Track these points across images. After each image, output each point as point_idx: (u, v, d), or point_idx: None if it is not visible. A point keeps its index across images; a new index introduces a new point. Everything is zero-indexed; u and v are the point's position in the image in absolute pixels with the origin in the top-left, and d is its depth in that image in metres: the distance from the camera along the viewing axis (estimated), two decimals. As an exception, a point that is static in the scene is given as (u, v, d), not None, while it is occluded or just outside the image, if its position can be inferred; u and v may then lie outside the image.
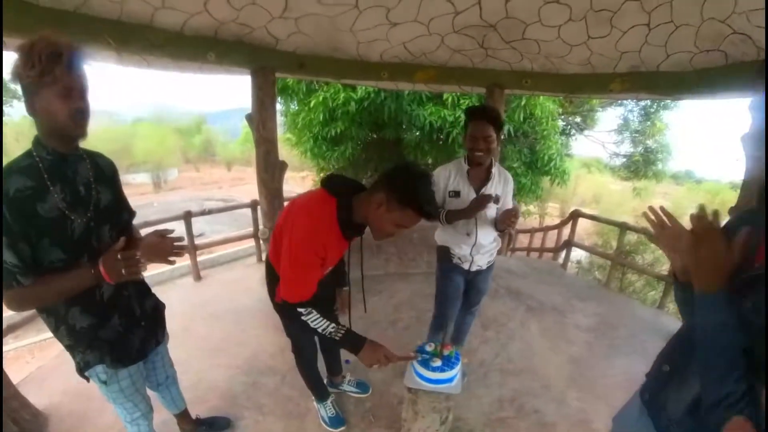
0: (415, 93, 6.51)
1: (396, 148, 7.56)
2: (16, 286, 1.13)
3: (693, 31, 2.60)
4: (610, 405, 2.52)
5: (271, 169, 3.47)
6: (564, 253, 5.78)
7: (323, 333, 1.49)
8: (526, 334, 3.36)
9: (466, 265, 2.24)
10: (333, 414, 2.23)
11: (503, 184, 2.16)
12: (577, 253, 8.18)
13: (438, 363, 1.67)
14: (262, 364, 2.79)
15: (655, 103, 10.11)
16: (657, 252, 9.32)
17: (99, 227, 1.29)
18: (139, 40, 2.62)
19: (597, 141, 12.07)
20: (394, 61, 3.55)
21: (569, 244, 5.65)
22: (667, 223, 0.93)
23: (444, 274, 2.32)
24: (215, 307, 3.67)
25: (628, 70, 3.18)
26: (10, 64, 1.10)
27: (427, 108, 6.54)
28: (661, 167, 11.20)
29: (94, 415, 2.28)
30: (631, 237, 9.05)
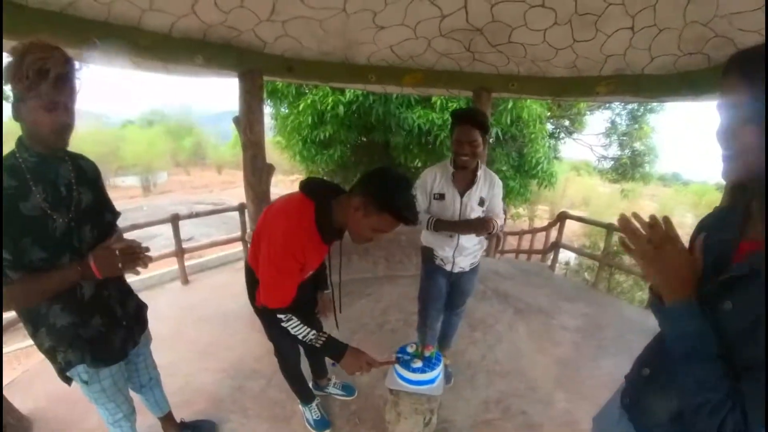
0: (403, 96, 6.52)
1: (385, 152, 7.55)
2: (5, 279, 1.15)
3: (676, 35, 2.64)
4: (597, 406, 2.47)
5: (258, 172, 3.45)
6: (552, 254, 5.82)
7: (303, 340, 1.48)
8: (514, 336, 3.37)
9: (448, 267, 2.25)
10: (318, 417, 2.22)
11: (489, 187, 2.16)
12: (565, 255, 8.25)
13: (419, 364, 1.67)
14: (248, 367, 2.77)
15: (642, 107, 10.26)
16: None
17: (80, 227, 1.31)
18: (127, 42, 2.59)
19: (585, 144, 12.22)
20: (382, 65, 3.56)
21: (557, 246, 5.70)
22: (642, 233, 0.86)
23: (427, 275, 2.35)
24: (203, 310, 3.65)
25: (614, 73, 3.22)
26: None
27: (416, 111, 6.55)
28: (649, 169, 11.39)
29: (78, 420, 2.25)
30: (618, 238, 9.14)
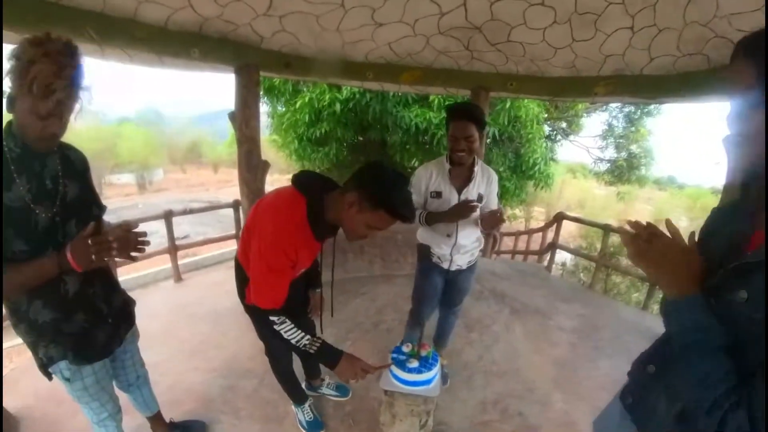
0: (400, 94, 6.50)
1: (381, 150, 7.53)
2: None
3: (676, 35, 2.62)
4: (595, 407, 2.49)
5: (253, 168, 3.41)
6: (548, 255, 5.81)
7: (297, 345, 1.41)
8: (511, 336, 3.34)
9: (445, 265, 2.22)
10: (311, 418, 2.18)
11: (486, 183, 2.13)
12: (561, 256, 8.26)
13: (415, 364, 1.62)
14: (240, 366, 2.72)
15: (639, 109, 10.28)
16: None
17: (65, 221, 1.26)
18: (123, 34, 2.55)
19: (582, 146, 12.24)
20: (380, 62, 3.53)
21: (554, 247, 5.69)
22: (641, 237, 0.83)
23: (423, 273, 2.31)
24: (195, 308, 3.60)
25: (613, 73, 3.21)
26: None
27: (413, 110, 6.53)
28: (645, 172, 11.41)
29: (65, 419, 2.20)
30: (615, 239, 9.14)
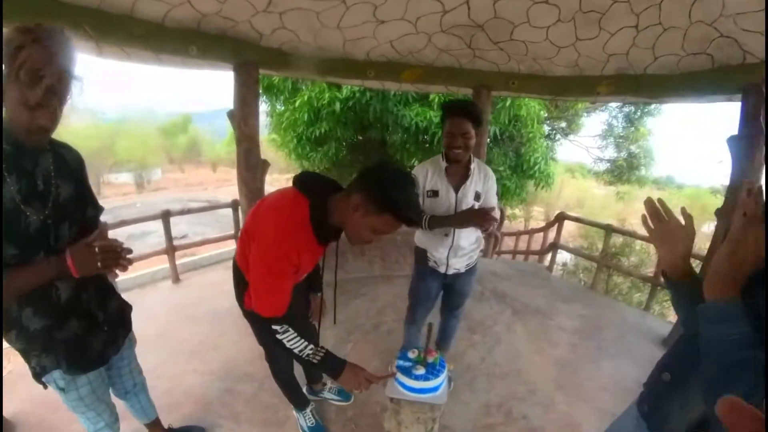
0: (401, 93, 6.46)
1: (381, 149, 7.49)
2: None
3: (680, 34, 2.59)
4: (597, 408, 2.50)
5: (252, 167, 3.37)
6: (550, 255, 5.79)
7: (299, 354, 1.37)
8: (512, 338, 3.31)
9: (442, 269, 2.17)
10: (313, 423, 2.14)
11: (483, 180, 2.08)
12: (562, 256, 8.24)
13: (422, 371, 1.59)
14: (239, 369, 2.68)
15: (639, 109, 10.27)
16: (642, 254, 9.41)
17: (57, 224, 1.20)
18: (120, 30, 2.51)
19: (581, 146, 12.23)
20: (381, 60, 3.49)
21: (555, 247, 5.67)
22: (664, 216, 0.84)
23: (418, 276, 2.28)
24: (192, 310, 3.55)
25: (615, 72, 3.18)
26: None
27: (413, 109, 6.50)
28: (644, 172, 11.40)
29: (62, 425, 2.15)
30: (617, 239, 9.13)
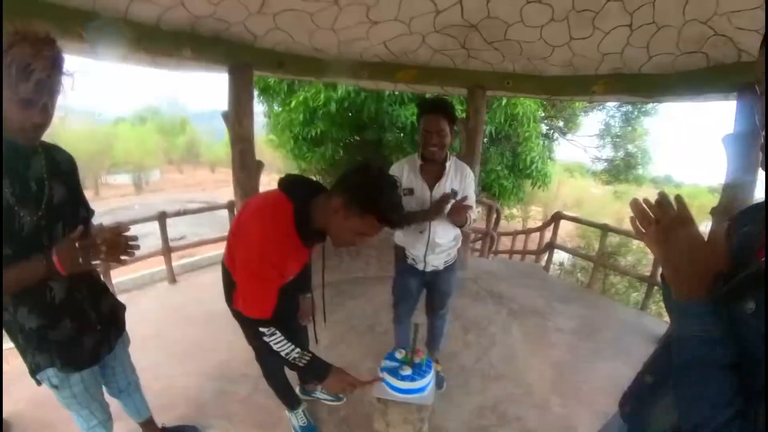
0: (396, 93, 6.45)
1: (377, 149, 7.50)
2: None
3: (675, 33, 2.59)
4: (594, 410, 2.47)
5: (247, 168, 3.36)
6: (546, 255, 5.79)
7: (285, 357, 1.37)
8: (508, 338, 3.30)
9: (420, 266, 2.17)
10: (305, 423, 2.14)
11: (460, 178, 2.07)
12: (559, 256, 8.23)
13: (408, 372, 1.59)
14: (233, 370, 2.67)
15: (636, 109, 10.30)
16: (639, 254, 9.43)
17: (51, 226, 1.22)
18: (113, 33, 2.50)
19: (579, 145, 12.26)
20: (375, 61, 3.50)
21: (551, 247, 5.66)
22: (651, 216, 0.79)
23: (398, 274, 2.31)
24: (188, 311, 3.54)
25: (610, 71, 3.17)
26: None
27: (409, 108, 6.49)
28: (642, 171, 11.44)
29: (59, 425, 2.12)
30: (613, 239, 9.15)
